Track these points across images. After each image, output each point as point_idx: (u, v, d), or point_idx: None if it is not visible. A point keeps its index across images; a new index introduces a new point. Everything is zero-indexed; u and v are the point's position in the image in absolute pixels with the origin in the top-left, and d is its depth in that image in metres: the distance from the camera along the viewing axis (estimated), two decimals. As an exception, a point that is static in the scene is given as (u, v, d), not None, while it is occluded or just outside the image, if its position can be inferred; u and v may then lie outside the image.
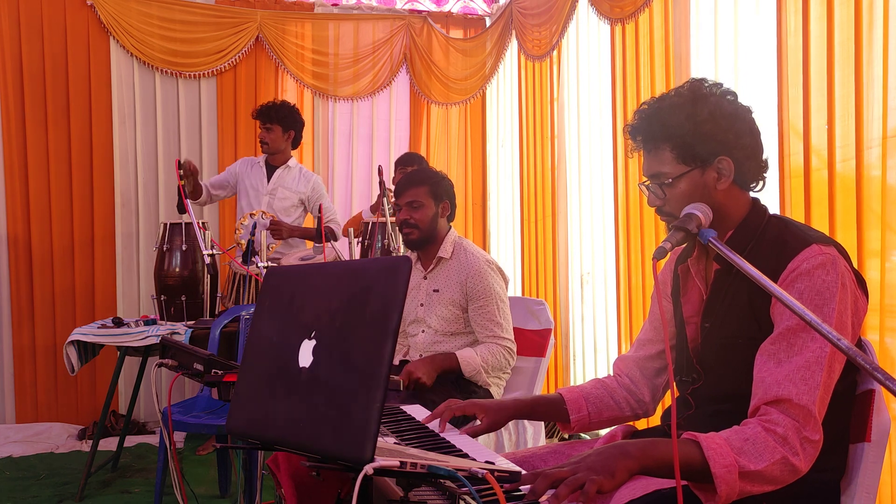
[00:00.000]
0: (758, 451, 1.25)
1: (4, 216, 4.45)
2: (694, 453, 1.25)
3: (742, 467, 1.24)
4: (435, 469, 1.00)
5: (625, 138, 1.58)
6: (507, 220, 5.19)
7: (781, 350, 1.32)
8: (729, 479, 1.23)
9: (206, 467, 3.77)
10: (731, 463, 1.23)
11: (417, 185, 2.68)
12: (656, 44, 3.29)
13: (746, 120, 1.48)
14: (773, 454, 1.25)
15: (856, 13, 2.23)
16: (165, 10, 4.72)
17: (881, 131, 2.16)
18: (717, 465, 1.23)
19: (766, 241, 1.43)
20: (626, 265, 3.54)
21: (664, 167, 1.47)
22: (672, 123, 1.45)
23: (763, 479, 1.25)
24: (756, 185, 1.51)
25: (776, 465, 1.25)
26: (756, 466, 1.24)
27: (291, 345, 1.15)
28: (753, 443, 1.26)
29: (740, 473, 1.23)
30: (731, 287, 1.47)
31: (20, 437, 4.30)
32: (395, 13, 5.27)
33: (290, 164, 4.19)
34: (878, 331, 2.19)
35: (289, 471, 1.53)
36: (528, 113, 4.68)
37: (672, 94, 1.51)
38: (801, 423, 1.27)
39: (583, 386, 1.72)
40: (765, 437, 1.26)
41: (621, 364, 1.74)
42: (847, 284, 1.34)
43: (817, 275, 1.33)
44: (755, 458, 1.25)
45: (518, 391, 2.88)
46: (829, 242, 1.38)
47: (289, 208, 4.16)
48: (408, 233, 2.69)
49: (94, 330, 3.42)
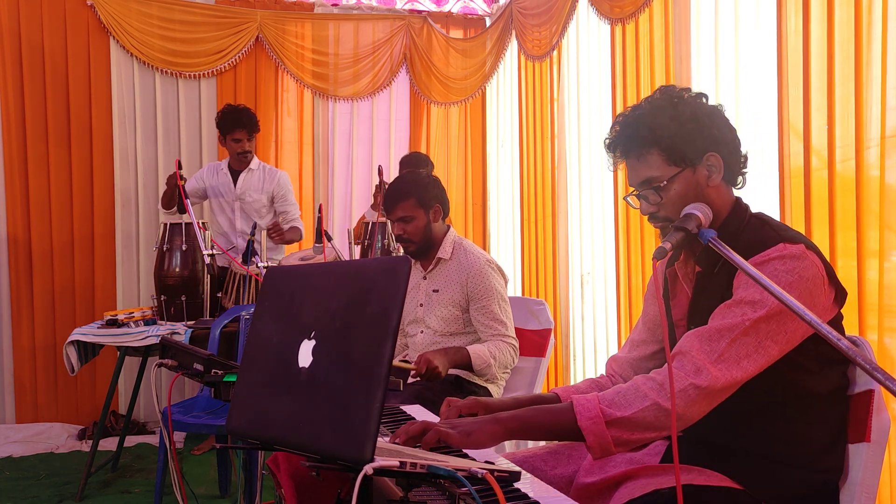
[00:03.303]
0: (628, 400, 1.31)
1: (4, 216, 4.45)
2: (568, 413, 1.32)
3: (608, 416, 1.30)
4: (435, 469, 1.01)
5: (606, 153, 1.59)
6: (507, 220, 5.19)
7: (715, 317, 1.37)
8: (595, 430, 1.29)
9: (206, 467, 3.77)
10: (596, 414, 1.30)
11: (404, 199, 2.64)
12: (656, 44, 3.29)
13: (724, 117, 1.51)
14: (643, 400, 1.30)
15: (856, 13, 2.24)
16: (165, 10, 4.72)
17: (880, 131, 2.16)
18: (582, 419, 1.30)
19: (743, 240, 1.44)
20: (626, 265, 3.54)
21: (654, 171, 1.48)
22: (658, 126, 1.46)
23: (634, 424, 1.30)
24: (739, 181, 1.53)
25: (646, 410, 1.29)
26: (622, 413, 1.30)
27: (291, 345, 1.15)
28: (625, 394, 1.32)
29: (607, 422, 1.29)
30: (711, 288, 1.48)
31: (20, 437, 4.31)
32: (395, 13, 5.27)
33: (253, 166, 4.20)
34: (877, 331, 2.19)
35: (289, 471, 1.53)
36: (528, 113, 4.68)
37: (646, 102, 1.52)
38: (688, 373, 1.31)
39: (577, 386, 1.72)
40: (639, 385, 1.33)
41: (614, 364, 1.74)
42: (808, 278, 1.34)
43: (772, 264, 1.35)
44: (623, 407, 1.31)
45: (518, 391, 2.88)
46: (798, 241, 1.39)
47: (260, 209, 4.19)
48: (405, 247, 2.70)
49: (94, 330, 3.42)
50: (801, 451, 1.38)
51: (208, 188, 4.24)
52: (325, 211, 4.86)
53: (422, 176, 2.74)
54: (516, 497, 1.17)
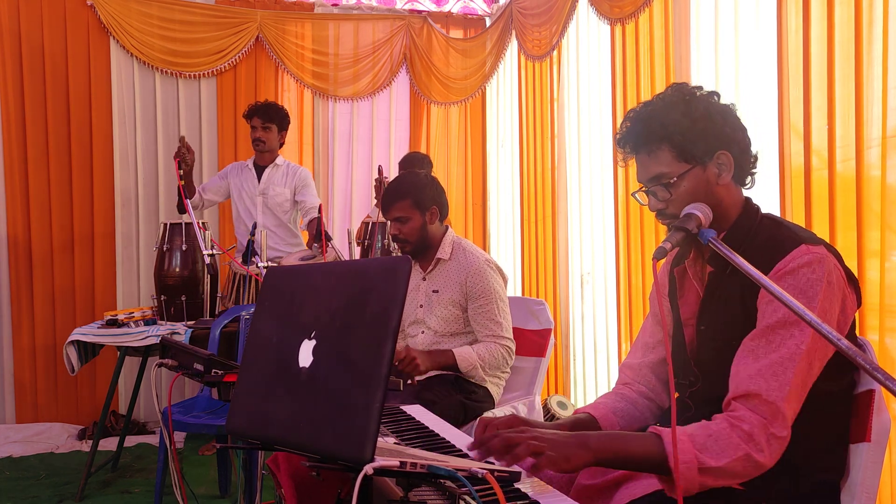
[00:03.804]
0: (720, 447, 1.27)
1: (4, 216, 4.45)
2: (656, 447, 1.27)
3: (702, 463, 1.25)
4: (435, 469, 1.00)
5: (615, 148, 1.58)
6: (507, 220, 5.19)
7: (760, 346, 1.33)
8: (687, 475, 1.24)
9: (206, 467, 3.77)
10: (692, 459, 1.25)
11: (400, 199, 2.65)
12: (656, 44, 3.29)
13: (735, 116, 1.50)
14: (735, 451, 1.26)
15: (856, 13, 2.23)
16: (165, 10, 4.72)
17: (881, 131, 2.16)
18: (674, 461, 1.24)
19: (758, 242, 1.43)
20: (626, 265, 3.54)
21: (664, 167, 1.47)
22: (669, 121, 1.45)
23: (724, 474, 1.26)
24: (749, 181, 1.52)
25: (738, 461, 1.26)
26: (717, 462, 1.25)
27: (291, 345, 1.15)
28: (717, 439, 1.28)
29: (700, 469, 1.25)
30: (724, 289, 1.47)
31: (20, 437, 4.30)
32: (395, 13, 5.27)
33: (278, 162, 4.20)
34: (878, 331, 2.19)
35: (289, 471, 1.53)
36: (528, 113, 4.68)
37: (658, 98, 1.51)
38: (768, 420, 1.27)
39: (604, 401, 1.66)
40: (729, 433, 1.28)
41: (630, 372, 1.69)
42: (834, 282, 1.34)
43: (802, 273, 1.33)
44: (716, 455, 1.26)
45: (518, 391, 2.88)
46: (818, 242, 1.38)
47: (282, 203, 4.17)
48: (401, 247, 2.71)
49: (94, 330, 3.42)
50: (803, 451, 1.38)
51: (231, 184, 4.22)
52: (325, 211, 4.86)
53: (420, 177, 2.74)
54: (516, 497, 1.17)
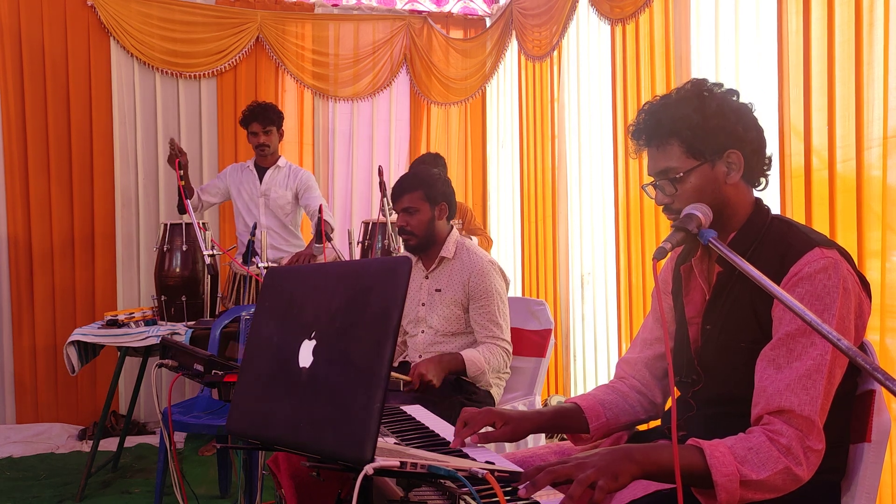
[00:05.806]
0: (761, 460, 1.26)
1: (4, 216, 4.45)
2: (697, 460, 1.25)
3: (744, 476, 1.24)
4: (435, 469, 1.00)
5: (626, 140, 1.57)
6: (507, 220, 5.20)
7: (781, 356, 1.32)
8: (730, 487, 1.23)
9: (206, 467, 3.77)
10: (734, 472, 1.24)
11: (412, 191, 2.65)
12: (656, 44, 3.29)
13: (751, 115, 1.48)
14: (776, 464, 1.25)
15: (856, 13, 2.23)
16: (165, 11, 4.72)
17: (881, 131, 2.16)
18: (718, 474, 1.23)
19: (769, 243, 1.42)
20: (626, 265, 3.54)
21: (672, 162, 1.46)
22: (680, 116, 1.44)
23: (765, 487, 1.26)
24: (761, 182, 1.51)
25: (779, 474, 1.25)
26: (758, 476, 1.25)
27: (291, 345, 1.15)
28: (757, 452, 1.27)
29: (742, 482, 1.24)
30: (733, 289, 1.46)
31: (20, 437, 4.30)
32: (395, 13, 5.27)
33: (280, 163, 4.17)
34: (879, 331, 2.19)
35: (289, 471, 1.53)
36: (528, 113, 4.68)
37: (675, 92, 1.51)
38: (804, 433, 1.27)
39: (594, 393, 1.68)
40: (769, 446, 1.27)
41: (626, 367, 1.70)
42: (850, 288, 1.33)
43: (819, 279, 1.32)
44: (758, 468, 1.25)
45: (518, 391, 2.88)
46: (831, 245, 1.37)
47: (284, 206, 4.16)
48: (406, 239, 2.70)
49: (94, 330, 3.42)
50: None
51: (231, 186, 4.19)
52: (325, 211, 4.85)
53: (433, 172, 2.77)
54: (516, 497, 1.17)
